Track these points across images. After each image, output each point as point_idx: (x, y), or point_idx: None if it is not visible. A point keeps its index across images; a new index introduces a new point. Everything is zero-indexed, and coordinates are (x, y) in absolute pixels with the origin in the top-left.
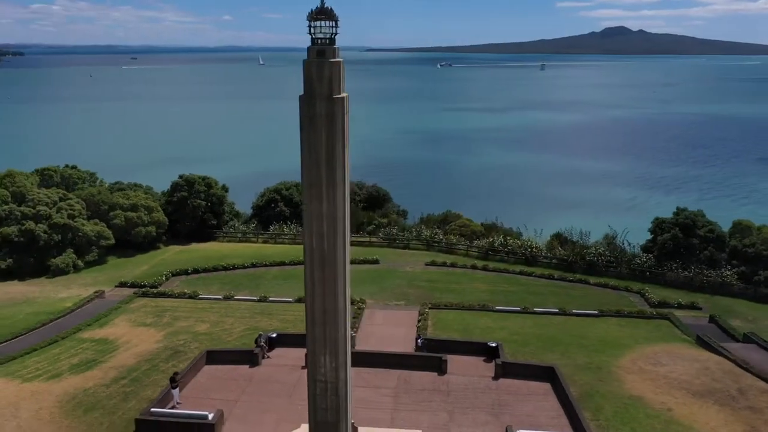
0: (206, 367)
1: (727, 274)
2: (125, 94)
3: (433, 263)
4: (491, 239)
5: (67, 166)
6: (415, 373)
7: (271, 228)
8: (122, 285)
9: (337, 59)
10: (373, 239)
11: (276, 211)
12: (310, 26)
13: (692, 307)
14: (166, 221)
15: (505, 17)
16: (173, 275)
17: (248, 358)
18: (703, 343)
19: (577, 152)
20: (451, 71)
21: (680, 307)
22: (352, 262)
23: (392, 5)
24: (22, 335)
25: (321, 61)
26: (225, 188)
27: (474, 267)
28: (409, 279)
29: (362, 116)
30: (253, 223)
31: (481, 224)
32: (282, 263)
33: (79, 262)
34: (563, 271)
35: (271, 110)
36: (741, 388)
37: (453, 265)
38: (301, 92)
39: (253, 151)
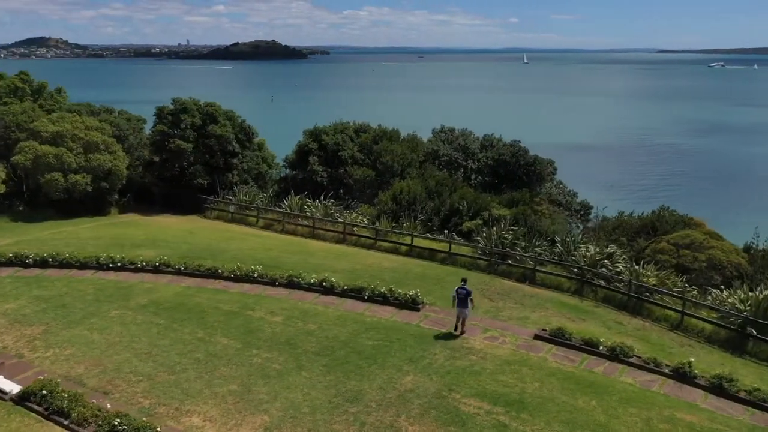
0: None
1: None
2: (381, 84)
3: (559, 337)
4: (763, 290)
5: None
6: None
7: (285, 202)
8: None
9: None
10: (462, 248)
11: (307, 171)
12: None
13: None
14: (123, 171)
15: None
16: (3, 264)
17: None
18: None
19: None
20: (753, 72)
21: None
22: (351, 294)
23: (691, 6)
24: None
25: None
26: (244, 127)
27: (683, 374)
28: (452, 379)
29: (633, 112)
30: (268, 192)
31: (749, 249)
32: (212, 273)
33: None
34: None
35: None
36: None
37: (618, 355)
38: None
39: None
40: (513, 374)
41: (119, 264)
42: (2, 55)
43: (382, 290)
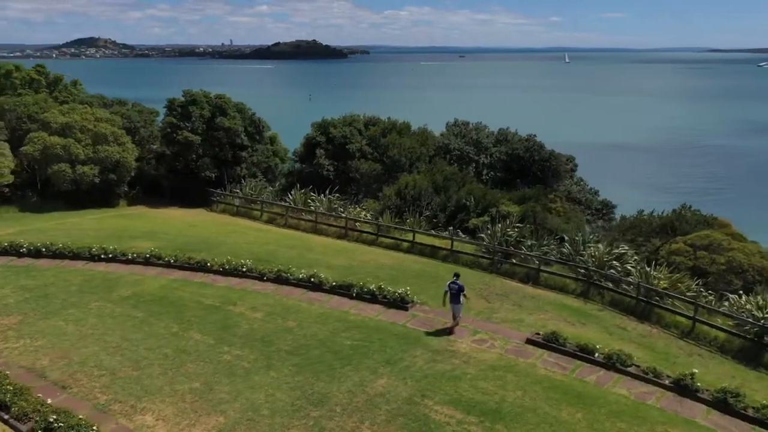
0: None
1: None
2: (419, 83)
3: (552, 342)
4: None
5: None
6: None
7: (290, 196)
8: None
9: None
10: (465, 246)
11: (314, 164)
12: None
13: None
14: (131, 163)
15: None
16: None
17: None
18: None
19: None
20: None
21: None
22: (339, 291)
23: (742, 3)
24: None
25: None
26: (254, 120)
27: (684, 387)
28: (427, 384)
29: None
30: (274, 185)
31: None
32: (201, 266)
33: None
34: None
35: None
36: None
37: (614, 363)
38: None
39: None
40: (495, 381)
41: (110, 255)
42: (54, 55)
43: (371, 288)
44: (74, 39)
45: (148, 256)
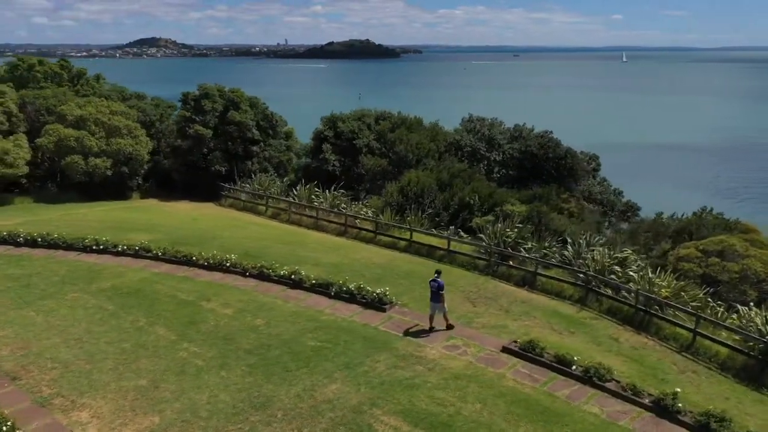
0: None
1: None
2: (471, 83)
3: (529, 351)
4: None
5: (59, 62)
6: None
7: (295, 191)
8: None
9: None
10: (463, 246)
11: (320, 158)
12: None
13: None
14: (144, 156)
15: None
16: None
17: None
18: None
19: None
20: None
21: None
22: (318, 289)
23: None
24: None
25: None
26: (267, 114)
27: (663, 408)
28: (381, 391)
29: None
30: (284, 181)
31: None
32: (187, 260)
33: None
34: None
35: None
36: None
37: (591, 377)
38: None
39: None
40: (455, 391)
41: (102, 247)
42: (117, 55)
43: (350, 287)
44: (137, 39)
45: (137, 248)
